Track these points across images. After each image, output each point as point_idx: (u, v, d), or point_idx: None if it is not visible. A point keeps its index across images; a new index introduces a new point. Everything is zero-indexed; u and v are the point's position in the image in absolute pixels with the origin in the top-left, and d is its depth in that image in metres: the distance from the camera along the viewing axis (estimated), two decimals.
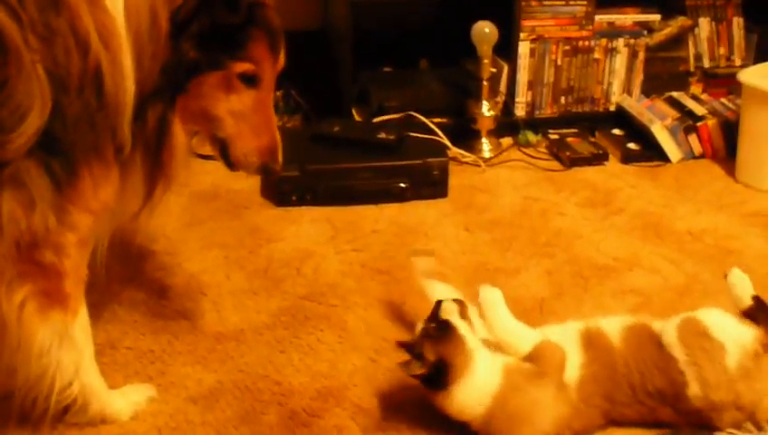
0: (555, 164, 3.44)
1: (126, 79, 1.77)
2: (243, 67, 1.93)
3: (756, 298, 2.02)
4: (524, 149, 3.54)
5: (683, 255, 2.77)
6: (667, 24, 3.71)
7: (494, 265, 2.71)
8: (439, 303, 2.05)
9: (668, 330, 1.99)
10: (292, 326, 2.40)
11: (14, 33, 1.62)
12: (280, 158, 2.06)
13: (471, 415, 1.94)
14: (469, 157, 3.41)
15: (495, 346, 2.00)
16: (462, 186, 3.21)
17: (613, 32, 3.63)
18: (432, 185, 3.11)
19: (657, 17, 3.68)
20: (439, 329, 1.97)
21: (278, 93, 3.77)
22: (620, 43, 3.64)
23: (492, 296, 2.00)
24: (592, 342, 2.03)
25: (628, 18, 3.64)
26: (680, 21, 3.73)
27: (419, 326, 2.02)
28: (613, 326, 2.05)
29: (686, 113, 3.53)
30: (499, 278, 2.64)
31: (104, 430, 2.03)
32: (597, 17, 3.59)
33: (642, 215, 3.05)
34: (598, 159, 3.45)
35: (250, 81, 1.96)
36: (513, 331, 2.00)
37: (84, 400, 1.99)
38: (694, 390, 1.93)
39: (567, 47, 3.60)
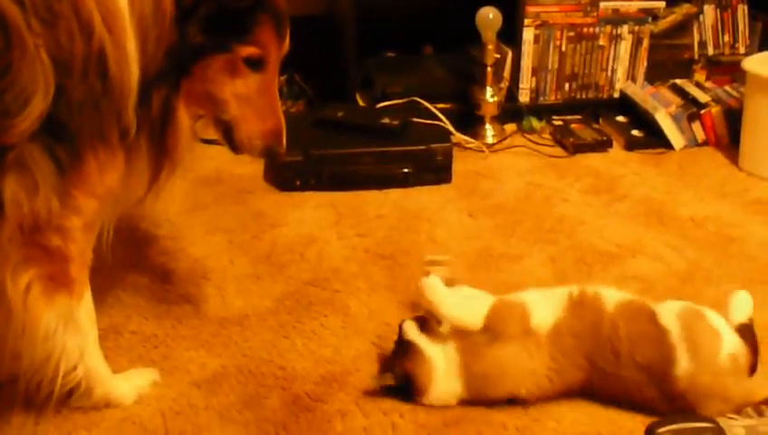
0: (559, 150, 3.45)
1: (130, 63, 1.77)
2: (248, 51, 1.93)
3: (749, 322, 2.03)
4: (528, 136, 3.54)
5: (686, 241, 2.77)
6: (672, 11, 3.71)
7: (498, 251, 2.71)
8: (402, 324, 2.10)
9: (668, 307, 2.01)
10: (296, 311, 2.40)
11: (16, 17, 1.62)
12: (284, 141, 2.07)
13: (454, 400, 2.04)
14: (473, 143, 3.42)
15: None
16: (466, 171, 3.22)
17: (618, 18, 3.63)
18: (436, 170, 3.11)
19: (661, 4, 3.68)
20: (403, 348, 2.07)
21: (282, 78, 3.77)
22: (625, 29, 3.64)
23: (431, 286, 2.07)
24: (583, 301, 2.05)
25: (632, 5, 3.64)
26: (685, 8, 3.73)
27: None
28: (612, 294, 2.07)
29: (690, 101, 3.54)
30: (502, 264, 2.65)
31: (108, 414, 2.03)
32: (602, 4, 3.59)
33: (645, 201, 3.05)
34: (601, 145, 3.46)
35: (255, 64, 1.96)
36: (460, 310, 2.05)
37: (88, 384, 2.00)
38: (682, 367, 1.93)
39: (571, 33, 3.60)
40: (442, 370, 2.03)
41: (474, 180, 3.18)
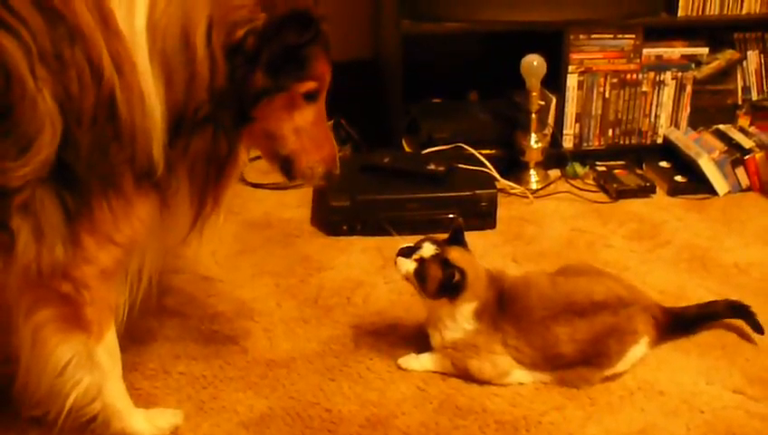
0: (602, 196, 3.45)
1: (147, 103, 1.76)
2: (308, 86, 1.95)
3: None
4: (572, 181, 3.56)
5: (729, 288, 2.76)
6: (715, 57, 3.72)
7: None
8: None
9: None
10: (342, 354, 2.43)
11: (19, 62, 1.64)
12: (338, 162, 2.12)
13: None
14: (517, 188, 3.44)
15: None
16: (510, 217, 3.23)
17: (661, 65, 3.64)
18: (480, 216, 3.13)
19: (704, 50, 3.68)
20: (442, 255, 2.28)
21: (329, 123, 3.81)
22: (668, 76, 3.65)
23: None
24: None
25: (675, 51, 3.65)
26: (728, 54, 3.73)
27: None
28: None
29: (734, 146, 3.54)
30: None
31: None
32: (645, 51, 3.60)
33: (689, 247, 3.05)
34: (645, 191, 3.47)
35: (312, 97, 1.98)
36: None
37: (106, 417, 2.04)
38: None
39: (615, 80, 3.62)
40: None
41: (518, 226, 3.19)
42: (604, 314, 2.30)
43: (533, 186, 3.49)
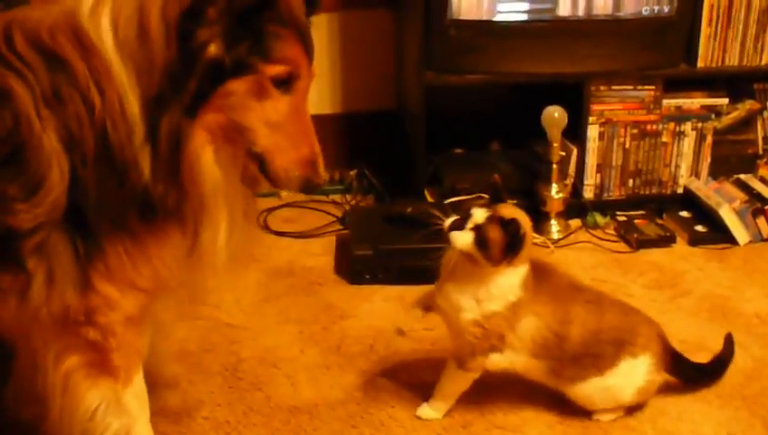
0: (623, 246, 3.46)
1: (126, 110, 1.71)
2: (276, 69, 1.77)
3: None
4: (592, 231, 3.57)
5: (750, 337, 2.77)
6: (735, 108, 3.73)
7: None
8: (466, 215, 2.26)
9: None
10: (364, 402, 2.45)
11: (26, 103, 1.67)
12: (322, 170, 1.90)
13: None
14: (538, 238, 3.43)
15: None
16: None
17: (681, 116, 3.65)
18: None
19: (724, 101, 3.70)
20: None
21: (352, 173, 3.87)
22: (688, 126, 3.66)
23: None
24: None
25: (695, 102, 3.66)
26: (748, 104, 3.74)
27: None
28: None
29: (755, 196, 3.55)
30: None
31: None
32: (665, 101, 3.61)
33: (709, 297, 3.06)
34: (665, 241, 3.48)
35: (284, 84, 1.79)
36: None
37: None
38: None
39: (635, 131, 3.63)
40: None
41: None
42: (614, 310, 2.37)
43: (554, 236, 3.51)
